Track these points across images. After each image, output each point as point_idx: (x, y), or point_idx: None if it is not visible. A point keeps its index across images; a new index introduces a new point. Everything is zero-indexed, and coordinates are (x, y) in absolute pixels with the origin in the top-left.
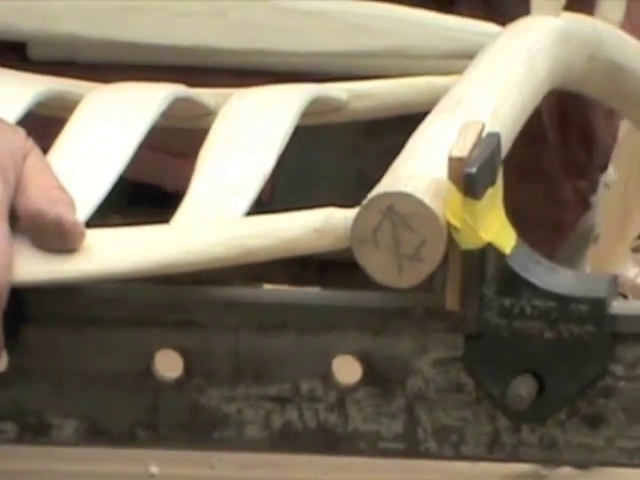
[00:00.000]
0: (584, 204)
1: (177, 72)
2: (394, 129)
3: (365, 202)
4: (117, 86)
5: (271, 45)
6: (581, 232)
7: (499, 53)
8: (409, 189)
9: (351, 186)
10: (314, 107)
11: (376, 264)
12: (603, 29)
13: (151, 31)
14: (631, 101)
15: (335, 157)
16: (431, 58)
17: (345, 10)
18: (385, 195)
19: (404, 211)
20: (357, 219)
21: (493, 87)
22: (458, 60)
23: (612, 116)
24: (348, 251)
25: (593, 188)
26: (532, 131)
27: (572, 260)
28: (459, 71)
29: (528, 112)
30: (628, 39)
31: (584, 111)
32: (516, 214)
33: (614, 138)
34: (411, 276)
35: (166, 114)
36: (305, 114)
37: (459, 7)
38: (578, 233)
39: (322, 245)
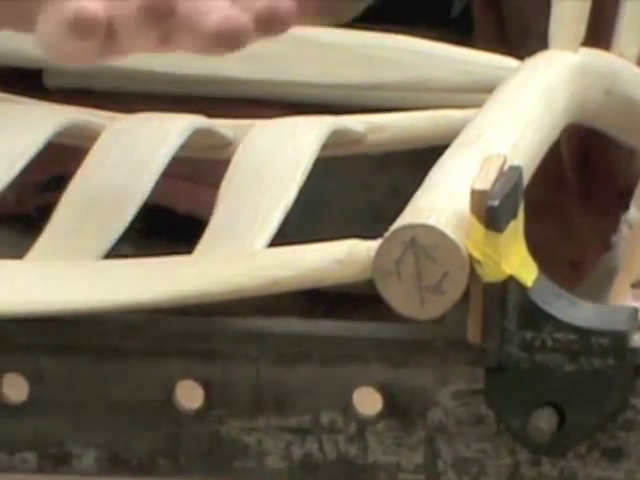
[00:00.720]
0: (604, 244)
1: (195, 102)
2: (405, 163)
3: (388, 234)
4: (137, 117)
5: (290, 76)
6: (603, 272)
7: (518, 88)
8: (432, 221)
9: (361, 220)
10: (332, 139)
11: (398, 296)
12: (619, 64)
13: (168, 60)
14: None
15: (345, 191)
16: (449, 91)
17: (364, 42)
18: (408, 227)
19: (427, 243)
20: (380, 251)
21: (512, 122)
22: (476, 94)
23: (634, 156)
24: (363, 284)
25: (614, 228)
26: (551, 170)
27: (595, 300)
28: (477, 105)
29: (546, 147)
30: None
31: (606, 151)
32: (533, 253)
33: (636, 177)
34: (433, 308)
35: (186, 145)
36: (323, 146)
37: (477, 41)
38: (599, 273)
39: (345, 276)
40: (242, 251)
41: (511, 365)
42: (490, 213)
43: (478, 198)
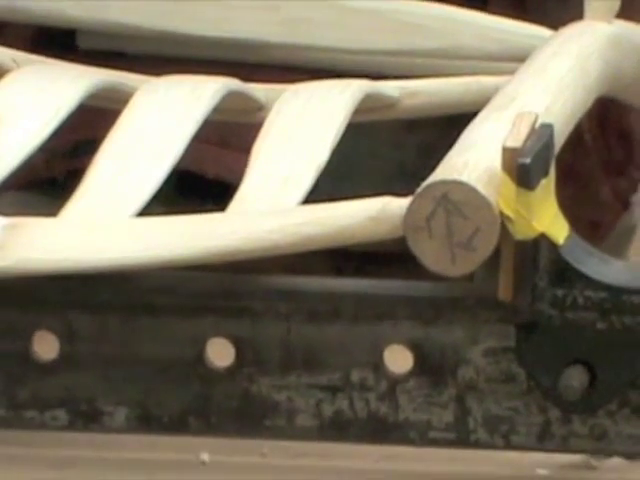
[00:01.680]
0: (623, 204)
1: (227, 67)
2: (434, 124)
3: (419, 190)
4: (170, 79)
5: (323, 42)
6: (622, 230)
7: (552, 55)
8: (463, 177)
9: (392, 178)
10: (366, 104)
11: (429, 252)
12: None
13: (203, 24)
14: None
15: (376, 150)
16: (482, 59)
17: (397, 9)
18: (440, 183)
19: (458, 199)
20: (411, 207)
21: (546, 87)
22: (510, 62)
23: None
24: (396, 242)
25: (633, 187)
26: (571, 133)
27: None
28: (509, 73)
29: (579, 114)
30: None
31: (623, 113)
32: None
33: None
34: (464, 265)
35: (218, 108)
36: (357, 111)
37: (491, 6)
38: (619, 232)
39: (378, 233)
40: (275, 208)
41: (542, 322)
42: (521, 171)
43: (510, 155)
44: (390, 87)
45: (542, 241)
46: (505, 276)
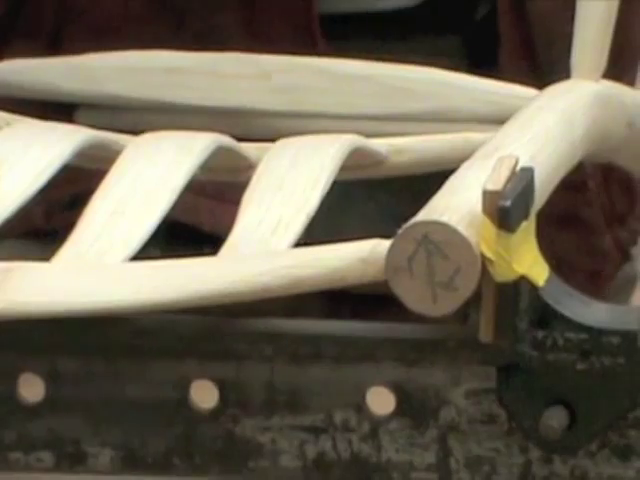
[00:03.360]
0: (623, 255)
1: None
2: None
3: (401, 231)
4: (160, 133)
5: (315, 108)
6: (622, 282)
7: (538, 110)
8: (444, 218)
9: (386, 223)
10: (354, 160)
11: (411, 293)
12: None
13: (195, 93)
14: None
15: (372, 195)
16: (472, 122)
17: (388, 73)
18: (420, 224)
19: (439, 239)
20: (392, 247)
21: (531, 138)
22: (499, 125)
23: None
24: (384, 284)
25: (633, 239)
26: (573, 180)
27: None
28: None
29: (564, 169)
30: None
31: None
32: (553, 263)
33: None
34: (445, 305)
35: (208, 166)
36: (345, 168)
37: (502, 50)
38: (619, 283)
39: (367, 275)
40: (266, 251)
41: (523, 364)
42: (502, 213)
43: (490, 198)
44: (378, 144)
45: (522, 283)
46: (486, 318)
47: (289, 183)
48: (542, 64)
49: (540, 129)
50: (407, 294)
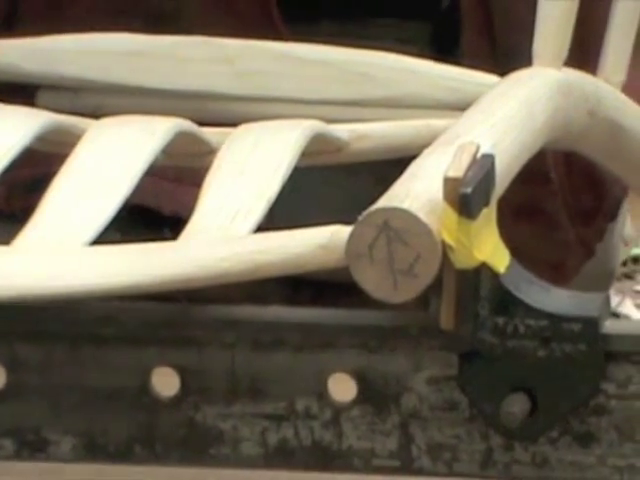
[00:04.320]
0: (587, 251)
1: None
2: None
3: (361, 218)
4: (122, 118)
5: (278, 92)
6: (585, 279)
7: (499, 97)
8: (405, 205)
9: (345, 208)
10: (315, 146)
11: (371, 279)
12: (605, 88)
13: (158, 77)
14: (631, 164)
15: (330, 179)
16: (433, 108)
17: (350, 59)
18: (381, 210)
19: (399, 226)
20: (353, 234)
21: (492, 125)
22: (460, 111)
23: None
24: (346, 271)
25: (599, 236)
26: (534, 170)
27: None
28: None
29: (526, 155)
30: (629, 102)
31: (590, 161)
32: (517, 252)
33: (623, 187)
34: (406, 291)
35: (169, 151)
36: (306, 154)
37: (465, 37)
38: (582, 279)
39: (328, 261)
40: (226, 237)
41: (484, 351)
42: (463, 200)
43: (451, 185)
44: (340, 130)
45: (483, 270)
46: (447, 305)
47: (250, 169)
48: (503, 50)
49: (502, 116)
50: (368, 281)
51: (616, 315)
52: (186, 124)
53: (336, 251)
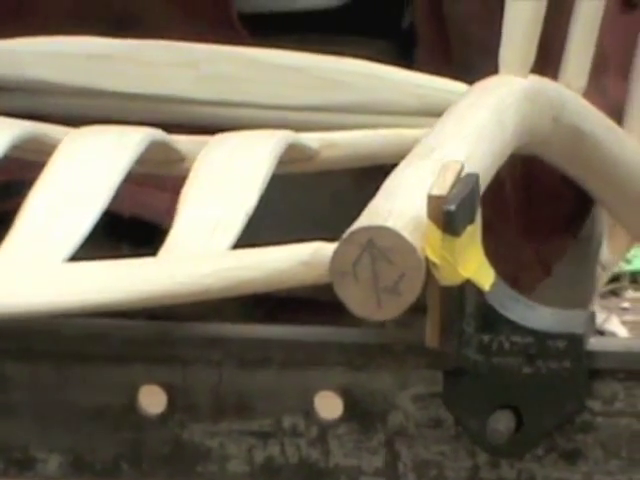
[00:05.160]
0: (545, 269)
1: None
2: (346, 173)
3: (345, 236)
4: (95, 128)
5: (244, 97)
6: (544, 297)
7: (469, 107)
8: (389, 224)
9: (303, 226)
10: (287, 155)
11: (355, 297)
12: (567, 94)
13: (121, 80)
14: (591, 169)
15: (287, 198)
16: (402, 114)
17: (318, 65)
18: (365, 229)
19: (383, 245)
20: (337, 252)
21: (465, 137)
22: (428, 117)
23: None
24: (308, 288)
25: (558, 255)
26: (492, 192)
27: None
28: (428, 127)
29: (497, 164)
30: (591, 107)
31: (550, 176)
32: None
33: (584, 205)
34: (390, 309)
35: (141, 160)
36: (277, 162)
37: (420, 53)
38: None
39: (309, 278)
40: (207, 252)
41: (469, 368)
42: (447, 218)
43: (435, 203)
44: (310, 139)
45: (468, 287)
46: (432, 322)
47: (227, 180)
48: (458, 67)
49: (473, 127)
50: (351, 299)
51: (601, 332)
52: (158, 134)
53: (319, 268)
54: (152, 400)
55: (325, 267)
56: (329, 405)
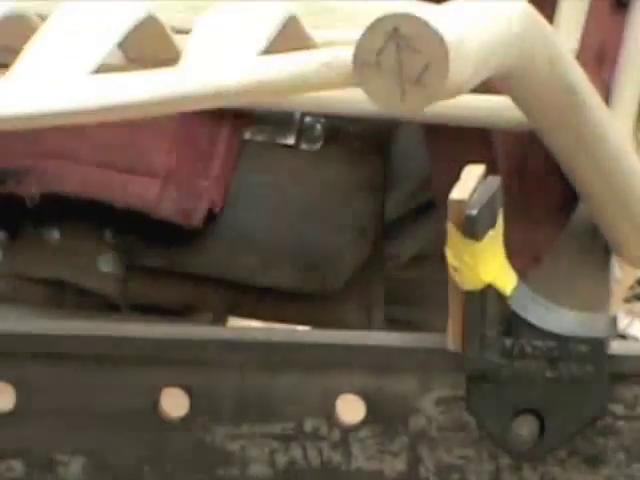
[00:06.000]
0: (533, 257)
1: None
2: (337, 160)
3: (370, 23)
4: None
5: None
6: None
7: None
8: (415, 11)
9: (295, 213)
10: (286, 44)
11: (379, 89)
12: (563, 43)
13: None
14: (580, 141)
15: (279, 184)
16: None
17: None
18: (391, 16)
19: (409, 33)
20: (361, 41)
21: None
22: None
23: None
24: (296, 279)
25: (547, 244)
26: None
27: None
28: None
29: (499, 53)
30: (582, 72)
31: (543, 165)
32: None
33: (573, 196)
34: (414, 101)
35: (136, 57)
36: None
37: None
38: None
39: (331, 79)
40: (233, 58)
41: (491, 372)
42: (469, 222)
43: (457, 207)
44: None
45: (490, 291)
46: (454, 326)
47: (242, 15)
48: None
49: (478, 7)
50: (375, 91)
51: (623, 337)
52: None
53: (339, 67)
54: (174, 403)
55: (345, 65)
56: (351, 408)
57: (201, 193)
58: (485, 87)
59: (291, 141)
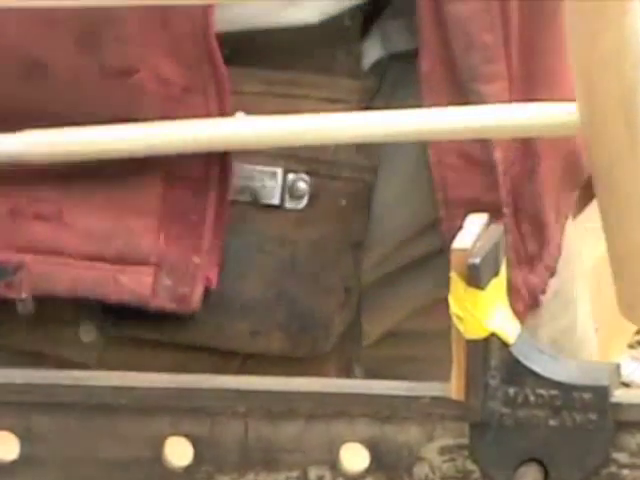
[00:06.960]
0: (532, 299)
1: None
2: (324, 219)
3: None
4: None
5: None
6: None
7: None
8: None
9: (282, 274)
10: None
11: None
12: None
13: None
14: None
15: (263, 246)
16: None
17: None
18: None
19: None
20: None
21: None
22: None
23: (560, 214)
24: (284, 344)
25: (542, 287)
26: (487, 203)
27: None
28: None
29: None
30: None
31: (534, 200)
32: None
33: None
34: None
35: None
36: None
37: (423, 56)
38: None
39: None
40: None
41: (495, 421)
42: (471, 271)
43: (459, 256)
44: None
45: (492, 340)
46: (457, 375)
47: None
48: (461, 70)
49: None
50: None
51: (627, 384)
52: None
53: None
54: (178, 452)
55: None
56: (355, 457)
57: (194, 274)
58: None
59: (276, 201)
